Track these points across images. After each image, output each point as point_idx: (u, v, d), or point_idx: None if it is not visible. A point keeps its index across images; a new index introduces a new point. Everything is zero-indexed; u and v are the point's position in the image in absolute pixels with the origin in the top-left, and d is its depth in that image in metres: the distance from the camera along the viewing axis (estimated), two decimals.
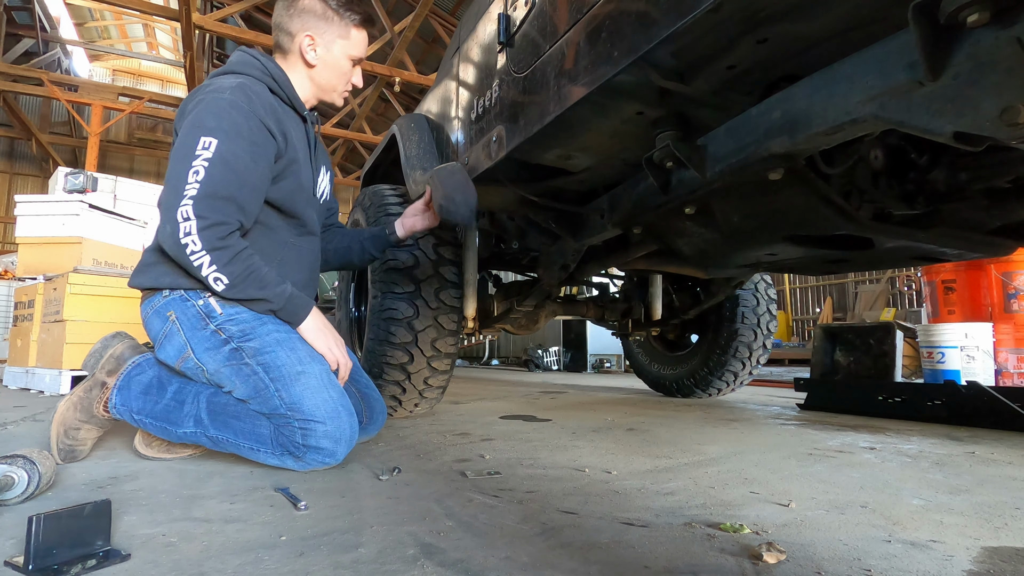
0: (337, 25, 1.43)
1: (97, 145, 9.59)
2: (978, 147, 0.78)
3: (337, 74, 1.48)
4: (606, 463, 1.31)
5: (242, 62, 1.38)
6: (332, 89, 1.50)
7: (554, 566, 0.70)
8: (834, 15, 0.84)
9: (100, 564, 0.69)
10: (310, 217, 1.48)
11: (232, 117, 1.24)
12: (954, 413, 2.00)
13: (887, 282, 10.16)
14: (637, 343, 3.21)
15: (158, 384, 1.29)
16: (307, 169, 1.46)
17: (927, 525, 0.87)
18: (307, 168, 1.46)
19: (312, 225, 1.50)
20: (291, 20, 1.42)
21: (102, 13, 13.84)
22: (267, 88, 1.36)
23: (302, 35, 1.41)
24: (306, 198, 1.46)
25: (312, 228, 1.50)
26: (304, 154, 1.45)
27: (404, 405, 2.02)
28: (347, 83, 1.52)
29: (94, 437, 1.32)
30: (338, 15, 1.43)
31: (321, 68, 1.45)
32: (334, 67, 1.46)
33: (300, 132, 1.45)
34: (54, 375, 2.92)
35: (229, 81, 1.30)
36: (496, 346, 8.19)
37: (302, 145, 1.44)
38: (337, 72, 1.48)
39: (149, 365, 1.33)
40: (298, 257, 1.46)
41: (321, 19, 1.42)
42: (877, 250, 1.47)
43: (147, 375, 1.30)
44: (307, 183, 1.46)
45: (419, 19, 7.49)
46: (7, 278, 4.56)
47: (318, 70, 1.45)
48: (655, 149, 1.15)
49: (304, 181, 1.44)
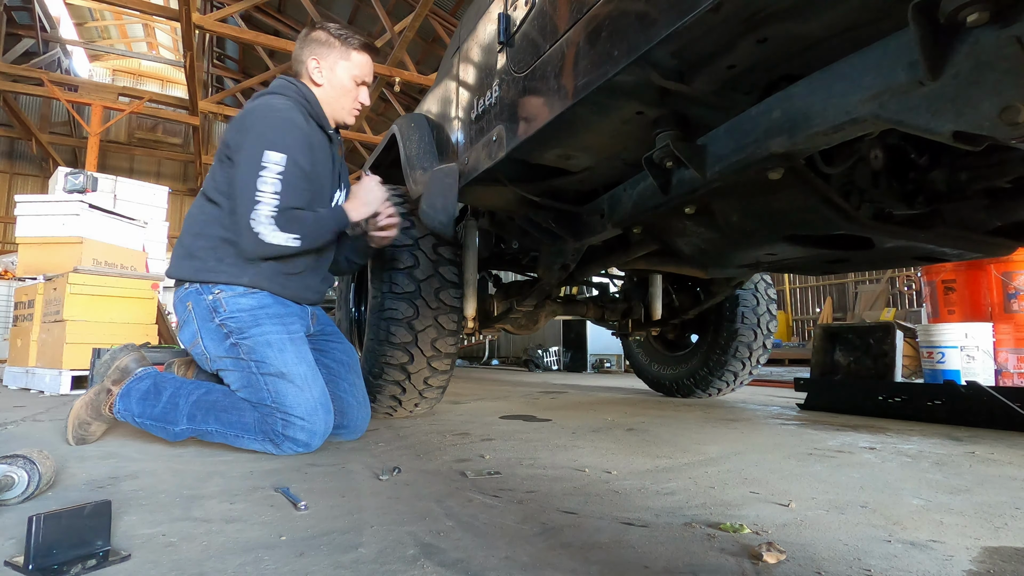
0: (339, 49, 1.64)
1: (97, 145, 9.57)
2: (978, 147, 0.78)
3: (342, 92, 1.66)
4: (606, 463, 1.31)
5: (282, 86, 1.59)
6: (340, 107, 1.68)
7: (554, 566, 0.70)
8: (834, 15, 0.84)
9: (100, 564, 0.69)
10: None
11: (290, 132, 1.47)
12: (954, 413, 2.00)
13: (887, 282, 10.15)
14: (637, 343, 3.21)
15: (155, 390, 1.45)
16: (327, 181, 1.65)
17: (927, 525, 0.87)
18: (326, 179, 1.65)
19: None
20: (302, 50, 1.65)
21: (102, 13, 13.82)
22: (305, 109, 1.57)
23: (310, 60, 1.63)
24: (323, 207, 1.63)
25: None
26: (326, 168, 1.64)
27: (404, 405, 2.02)
28: (354, 101, 1.70)
29: (103, 430, 1.52)
30: (339, 40, 1.64)
31: (327, 87, 1.64)
32: (339, 86, 1.64)
33: (325, 149, 1.65)
34: (54, 375, 2.92)
35: (279, 102, 1.51)
36: (496, 346, 8.19)
37: (325, 160, 1.64)
38: (342, 91, 1.65)
39: (148, 375, 1.50)
40: (315, 262, 1.64)
41: (325, 45, 1.63)
42: (877, 250, 1.46)
43: (145, 383, 1.47)
44: (326, 194, 1.65)
45: (419, 19, 7.48)
46: (7, 278, 4.56)
47: (325, 89, 1.64)
48: (655, 149, 1.15)
49: (323, 192, 1.63)
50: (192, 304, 1.49)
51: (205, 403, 1.41)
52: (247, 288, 1.47)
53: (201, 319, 1.47)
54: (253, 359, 1.41)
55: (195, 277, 1.48)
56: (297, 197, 1.45)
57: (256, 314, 1.46)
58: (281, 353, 1.42)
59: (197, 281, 1.48)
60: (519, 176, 1.61)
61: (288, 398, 1.37)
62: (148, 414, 1.42)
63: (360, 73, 1.66)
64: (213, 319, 1.45)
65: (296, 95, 1.57)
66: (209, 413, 1.40)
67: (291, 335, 1.48)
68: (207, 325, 1.46)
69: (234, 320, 1.44)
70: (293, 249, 1.45)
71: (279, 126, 1.45)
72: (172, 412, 1.40)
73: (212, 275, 1.47)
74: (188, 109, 9.89)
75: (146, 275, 3.57)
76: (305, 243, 1.46)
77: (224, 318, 1.45)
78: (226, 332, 1.44)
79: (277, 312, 1.49)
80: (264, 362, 1.40)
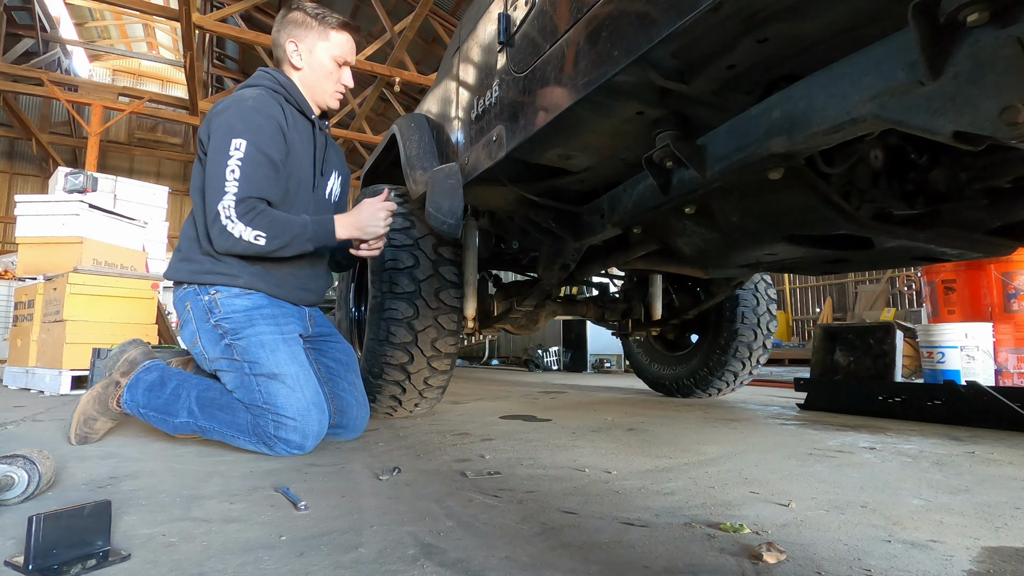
0: (316, 29, 1.59)
1: (97, 145, 9.58)
2: (978, 147, 0.78)
3: (323, 74, 1.61)
4: (606, 463, 1.31)
5: (258, 76, 1.57)
6: (322, 91, 1.63)
7: (554, 566, 0.70)
8: (834, 15, 0.84)
9: (100, 564, 0.69)
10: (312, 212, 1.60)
11: (256, 121, 1.43)
12: (954, 413, 2.00)
13: (887, 282, 10.15)
14: (637, 343, 3.21)
15: (160, 382, 1.47)
16: (307, 167, 1.58)
17: (927, 525, 0.87)
18: (307, 166, 1.59)
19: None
20: (279, 33, 1.60)
21: (102, 13, 13.82)
22: (282, 96, 1.54)
23: (287, 42, 1.59)
24: (305, 196, 1.58)
25: None
26: (307, 153, 1.58)
27: (404, 405, 2.02)
28: (336, 83, 1.64)
29: (107, 428, 1.52)
30: (316, 20, 1.59)
31: (307, 70, 1.60)
32: (319, 68, 1.60)
33: (307, 134, 1.59)
34: (54, 375, 2.92)
35: (250, 92, 1.49)
36: (496, 346, 8.19)
37: (306, 146, 1.58)
38: (323, 72, 1.61)
39: (155, 367, 1.52)
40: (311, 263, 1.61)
41: (302, 26, 1.59)
42: (877, 250, 1.46)
43: (152, 375, 1.49)
44: (306, 179, 1.58)
45: (419, 19, 7.49)
46: (7, 278, 4.56)
47: (305, 72, 1.60)
48: (655, 149, 1.15)
49: (302, 177, 1.57)
50: (191, 304, 1.50)
51: (204, 399, 1.43)
52: (242, 289, 1.48)
53: (199, 319, 1.48)
54: (246, 360, 1.41)
55: (192, 279, 1.49)
56: (261, 187, 1.41)
57: (251, 315, 1.46)
58: (273, 353, 1.42)
59: (195, 283, 1.49)
60: (519, 176, 1.61)
61: (279, 399, 1.37)
62: (152, 405, 1.44)
63: (341, 53, 1.61)
64: (209, 319, 1.46)
65: (271, 83, 1.54)
66: (206, 410, 1.41)
67: (284, 336, 1.47)
68: (204, 325, 1.47)
69: (229, 321, 1.45)
70: (260, 250, 1.40)
71: (244, 115, 1.42)
72: (174, 404, 1.42)
73: (209, 277, 1.47)
74: (188, 109, 9.90)
75: (146, 275, 3.57)
76: (272, 245, 1.40)
77: (219, 319, 1.45)
78: (221, 333, 1.44)
79: (272, 313, 1.49)
80: (256, 363, 1.40)
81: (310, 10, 1.59)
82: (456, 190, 1.62)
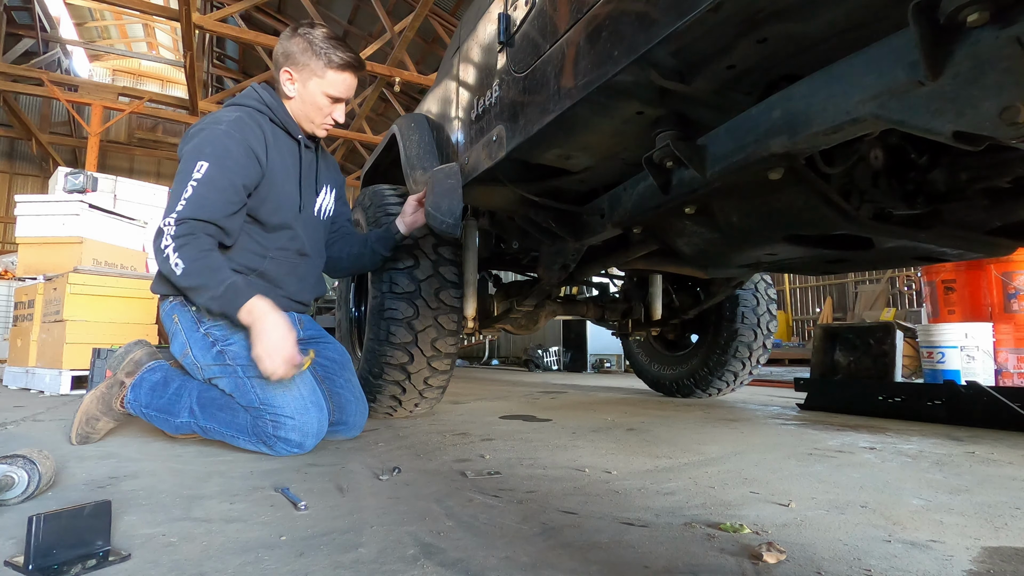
0: (315, 65, 1.55)
1: (97, 145, 9.57)
2: (978, 147, 0.78)
3: (313, 109, 1.59)
4: (606, 463, 1.31)
5: (245, 95, 1.58)
6: (309, 121, 1.62)
7: (554, 566, 0.70)
8: (834, 15, 0.84)
9: (100, 564, 0.69)
10: (300, 232, 1.61)
11: (224, 144, 1.41)
12: (954, 413, 2.00)
13: (887, 282, 10.15)
14: (637, 343, 3.21)
15: (163, 382, 1.49)
16: (291, 188, 1.58)
17: (927, 525, 0.87)
18: (291, 187, 1.58)
19: (302, 241, 1.62)
20: (281, 54, 1.58)
21: (102, 13, 13.82)
22: (266, 116, 1.54)
23: (283, 71, 1.57)
24: (291, 215, 1.58)
25: (302, 244, 1.62)
26: (290, 174, 1.58)
27: (404, 405, 2.02)
28: (325, 117, 1.62)
29: (108, 428, 1.52)
30: (317, 56, 1.54)
31: (297, 101, 1.59)
32: (310, 103, 1.58)
33: (291, 155, 1.60)
34: (54, 375, 2.92)
35: (228, 114, 1.48)
36: (496, 346, 8.19)
37: (289, 166, 1.58)
38: (313, 107, 1.59)
39: (159, 368, 1.53)
40: (288, 268, 1.60)
41: (301, 57, 1.55)
42: (877, 250, 1.46)
43: (156, 375, 1.51)
44: (289, 201, 1.57)
45: (419, 19, 7.49)
46: (7, 278, 4.56)
47: (295, 102, 1.59)
48: (655, 149, 1.15)
49: (285, 199, 1.56)
50: (178, 316, 1.50)
51: (205, 399, 1.44)
52: None
53: (188, 329, 1.48)
54: (239, 363, 1.42)
55: (176, 292, 1.48)
56: (212, 210, 1.36)
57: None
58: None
59: (180, 295, 1.48)
60: (519, 176, 1.61)
61: (276, 398, 1.38)
62: (154, 405, 1.45)
63: (334, 91, 1.57)
64: (199, 328, 1.47)
65: (256, 103, 1.54)
66: (207, 410, 1.42)
67: None
68: (194, 335, 1.47)
69: (217, 327, 1.46)
70: (176, 279, 1.33)
71: (215, 139, 1.41)
72: (175, 404, 1.44)
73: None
74: (188, 109, 9.88)
75: (146, 275, 3.57)
76: (183, 281, 1.32)
77: (209, 327, 1.46)
78: (212, 340, 1.45)
79: None
80: (249, 365, 1.39)
81: (318, 40, 1.53)
82: (456, 190, 1.62)
